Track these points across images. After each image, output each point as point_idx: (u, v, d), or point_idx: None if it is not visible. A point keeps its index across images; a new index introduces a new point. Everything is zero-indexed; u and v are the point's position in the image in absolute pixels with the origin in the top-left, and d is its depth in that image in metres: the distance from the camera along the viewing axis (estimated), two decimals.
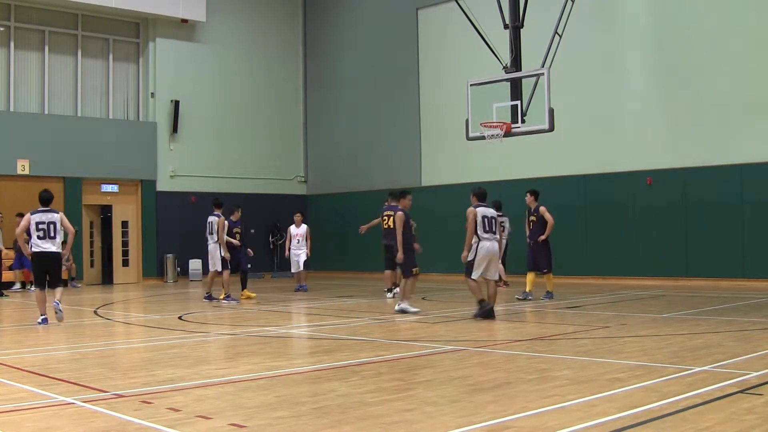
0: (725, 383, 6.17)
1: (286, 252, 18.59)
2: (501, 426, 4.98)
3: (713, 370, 6.78)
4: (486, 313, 11.16)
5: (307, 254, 18.41)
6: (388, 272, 15.34)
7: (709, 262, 17.81)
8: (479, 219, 11.19)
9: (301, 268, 18.30)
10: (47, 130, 22.06)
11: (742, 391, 5.88)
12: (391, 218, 13.66)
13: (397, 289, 14.81)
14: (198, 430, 5.03)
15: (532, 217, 14.33)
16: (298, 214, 18.86)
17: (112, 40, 23.76)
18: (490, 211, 11.39)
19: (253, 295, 16.21)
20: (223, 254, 15.28)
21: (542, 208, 14.10)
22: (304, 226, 18.58)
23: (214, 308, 14.22)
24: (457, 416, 5.27)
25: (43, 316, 11.38)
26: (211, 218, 15.51)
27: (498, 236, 11.47)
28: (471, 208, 11.32)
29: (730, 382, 6.20)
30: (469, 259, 11.22)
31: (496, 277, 11.42)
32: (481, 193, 11.65)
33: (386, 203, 14.81)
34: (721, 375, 6.54)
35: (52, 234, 11.48)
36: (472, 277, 11.20)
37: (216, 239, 15.34)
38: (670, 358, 7.50)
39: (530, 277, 14.22)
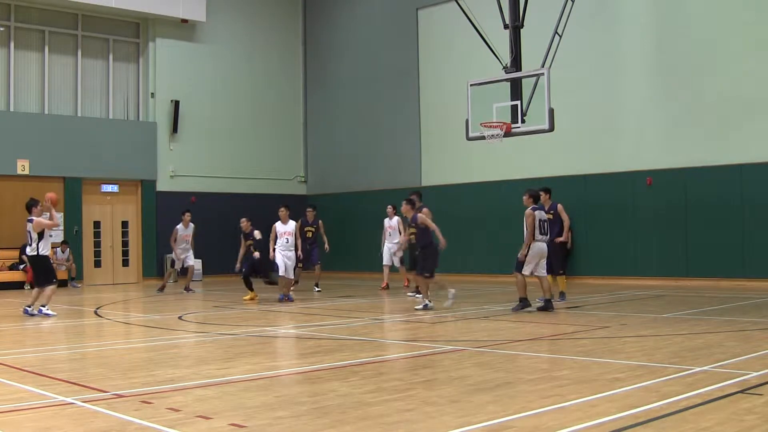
0: (725, 383, 6.17)
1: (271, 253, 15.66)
2: (501, 426, 4.98)
3: (713, 370, 6.78)
4: (546, 306, 12.13)
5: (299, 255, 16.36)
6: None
7: (709, 262, 17.80)
8: (537, 222, 12.03)
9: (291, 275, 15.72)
10: (47, 130, 22.06)
11: (742, 391, 5.88)
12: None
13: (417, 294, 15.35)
14: (198, 430, 5.03)
15: (549, 216, 13.22)
16: (283, 209, 16.08)
17: (112, 40, 23.76)
18: (544, 214, 12.31)
19: (249, 297, 15.69)
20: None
21: (560, 206, 13.44)
22: (292, 222, 15.96)
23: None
24: (457, 416, 5.27)
25: None
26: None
27: (548, 237, 12.39)
28: (529, 211, 12.10)
29: (730, 382, 6.20)
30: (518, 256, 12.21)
31: (544, 273, 12.30)
32: (537, 195, 12.45)
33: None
34: (721, 375, 6.55)
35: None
36: (523, 272, 12.11)
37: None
38: (670, 358, 7.50)
39: (551, 279, 13.17)
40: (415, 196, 15.12)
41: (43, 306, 12.95)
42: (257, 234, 16.36)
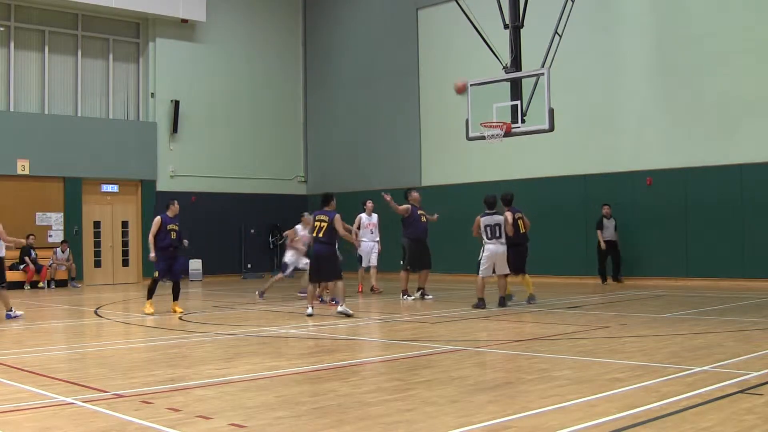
0: (725, 383, 6.17)
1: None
2: (501, 426, 4.98)
3: (713, 370, 6.78)
4: (501, 302, 12.91)
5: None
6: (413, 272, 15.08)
7: (709, 262, 17.80)
8: (482, 227, 12.68)
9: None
10: (47, 130, 22.07)
11: (742, 391, 5.88)
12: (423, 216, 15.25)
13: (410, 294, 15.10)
14: (198, 430, 5.04)
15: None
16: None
17: (112, 40, 23.77)
18: (497, 218, 12.72)
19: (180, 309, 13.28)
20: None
21: (507, 214, 13.40)
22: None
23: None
24: (457, 416, 5.27)
25: None
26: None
27: (503, 239, 12.79)
28: (477, 217, 12.74)
29: (730, 382, 6.20)
30: (479, 259, 12.89)
31: (506, 272, 12.95)
32: (488, 201, 12.80)
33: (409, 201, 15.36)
34: (721, 375, 6.55)
35: None
36: (480, 274, 12.82)
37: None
38: (670, 358, 7.50)
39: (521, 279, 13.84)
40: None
41: (10, 311, 12.56)
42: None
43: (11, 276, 20.64)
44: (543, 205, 20.01)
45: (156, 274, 13.11)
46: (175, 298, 13.27)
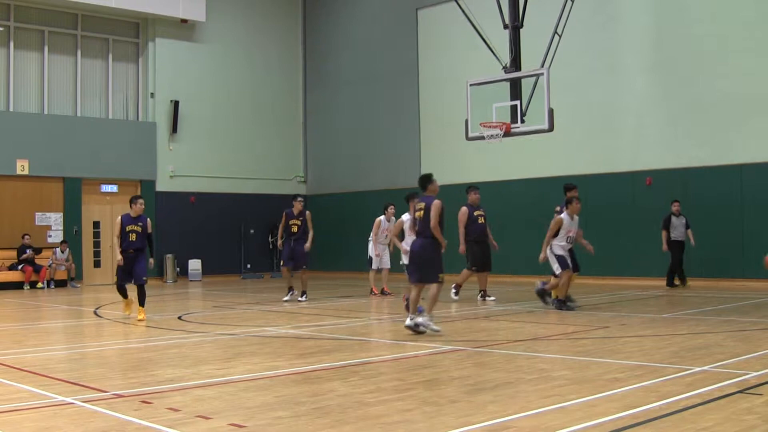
0: (725, 383, 6.17)
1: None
2: (501, 426, 4.98)
3: (713, 370, 6.78)
4: None
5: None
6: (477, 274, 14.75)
7: (709, 262, 17.79)
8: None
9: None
10: (47, 130, 22.07)
11: (741, 391, 5.88)
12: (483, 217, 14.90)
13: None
14: (198, 430, 5.04)
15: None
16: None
17: (112, 40, 23.77)
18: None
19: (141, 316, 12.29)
20: None
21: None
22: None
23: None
24: (457, 416, 5.27)
25: None
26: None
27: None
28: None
29: (729, 382, 6.20)
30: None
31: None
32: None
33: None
34: (720, 375, 6.55)
35: None
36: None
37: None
38: (670, 358, 7.50)
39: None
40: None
41: None
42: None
43: (11, 276, 20.69)
44: (543, 206, 19.98)
45: (115, 279, 12.65)
46: (140, 303, 12.26)
